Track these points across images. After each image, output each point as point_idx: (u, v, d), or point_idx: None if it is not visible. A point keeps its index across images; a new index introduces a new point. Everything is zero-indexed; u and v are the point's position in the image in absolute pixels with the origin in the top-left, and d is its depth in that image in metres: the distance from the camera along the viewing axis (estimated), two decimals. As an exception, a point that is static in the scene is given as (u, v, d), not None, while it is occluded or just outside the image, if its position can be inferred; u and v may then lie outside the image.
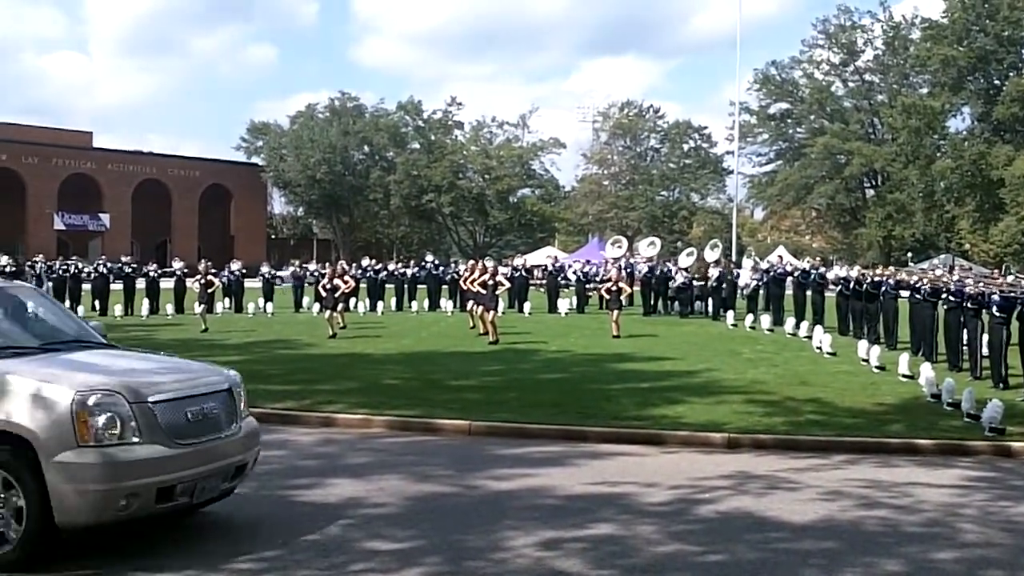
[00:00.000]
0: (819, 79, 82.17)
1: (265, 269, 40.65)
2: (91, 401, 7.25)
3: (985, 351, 19.30)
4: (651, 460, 11.97)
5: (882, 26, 78.67)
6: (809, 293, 31.50)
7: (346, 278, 29.48)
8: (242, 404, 8.54)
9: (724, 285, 34.75)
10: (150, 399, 7.56)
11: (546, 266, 46.38)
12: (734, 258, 56.92)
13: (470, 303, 28.41)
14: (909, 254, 72.44)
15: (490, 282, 25.80)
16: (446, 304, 38.03)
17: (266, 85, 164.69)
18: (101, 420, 7.24)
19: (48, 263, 39.80)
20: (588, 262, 45.87)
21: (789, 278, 34.36)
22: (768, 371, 19.70)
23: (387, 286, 40.40)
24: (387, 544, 8.14)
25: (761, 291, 34.52)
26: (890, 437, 13.18)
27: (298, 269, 41.34)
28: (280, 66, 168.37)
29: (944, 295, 21.63)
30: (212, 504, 8.52)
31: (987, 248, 70.08)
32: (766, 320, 29.85)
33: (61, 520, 7.16)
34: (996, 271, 37.79)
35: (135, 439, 7.37)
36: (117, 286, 36.71)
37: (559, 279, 41.64)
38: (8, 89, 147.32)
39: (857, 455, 12.32)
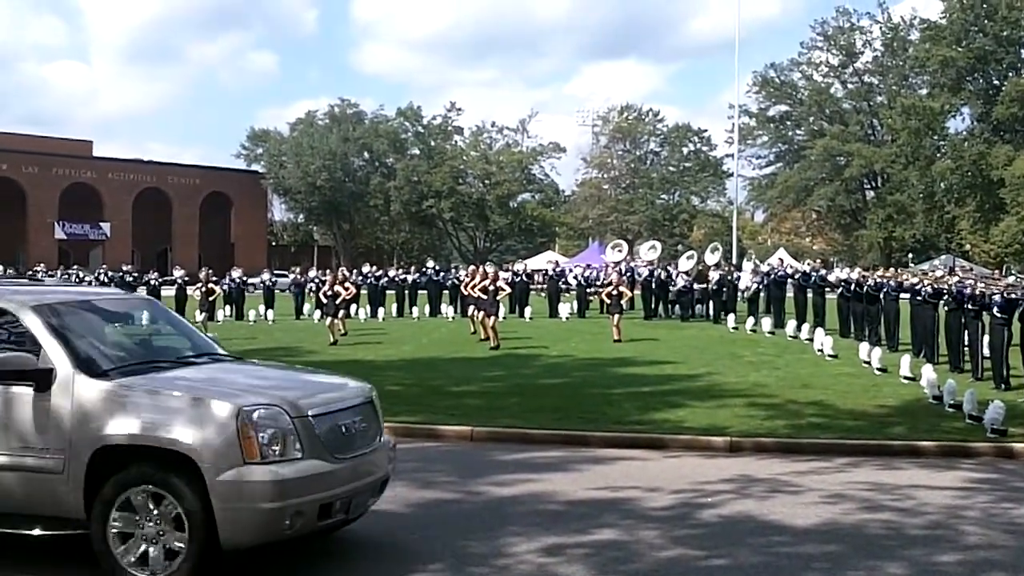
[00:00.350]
0: (818, 81, 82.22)
1: (266, 276, 40.69)
2: (255, 416, 7.03)
3: (986, 352, 19.30)
4: (653, 464, 11.97)
5: (881, 27, 78.73)
6: (810, 295, 31.49)
7: (347, 284, 29.46)
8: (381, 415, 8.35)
9: (725, 288, 34.76)
10: (309, 413, 7.34)
11: (547, 271, 46.36)
12: (735, 261, 56.88)
13: (471, 308, 28.43)
14: (910, 255, 72.49)
15: (491, 287, 25.83)
16: (447, 310, 38.03)
17: (267, 92, 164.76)
18: (266, 436, 7.02)
19: (49, 272, 39.86)
20: (589, 266, 45.85)
21: (790, 280, 34.35)
22: (770, 374, 19.70)
23: (388, 292, 40.41)
24: (390, 550, 8.16)
25: (762, 294, 34.52)
26: (892, 439, 13.18)
27: (299, 276, 41.33)
28: (281, 73, 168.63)
29: (945, 296, 21.64)
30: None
31: (988, 248, 70.06)
32: (767, 323, 29.85)
33: (226, 541, 6.92)
34: (997, 272, 37.83)
35: (297, 455, 7.14)
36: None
37: (560, 284, 41.64)
38: (9, 98, 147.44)
39: (859, 458, 12.32)
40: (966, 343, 20.40)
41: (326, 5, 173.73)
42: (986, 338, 19.40)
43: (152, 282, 37.59)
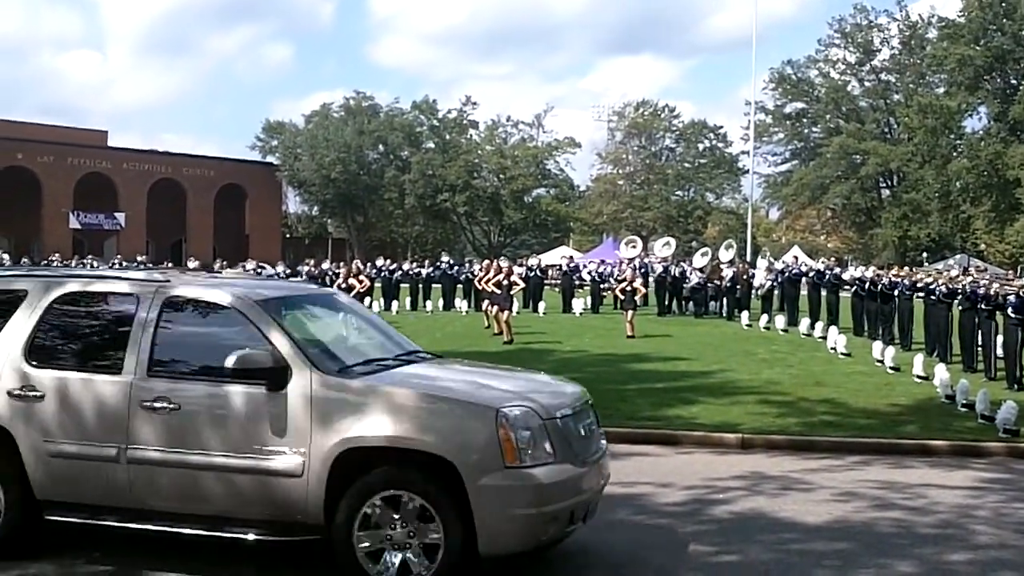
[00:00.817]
0: (835, 78, 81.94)
1: (280, 268, 40.81)
2: (513, 418, 6.79)
3: (1000, 352, 19.28)
4: (665, 460, 12.02)
5: (899, 25, 78.53)
6: (824, 293, 31.48)
7: (361, 277, 29.52)
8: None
9: (739, 285, 34.75)
10: (557, 414, 7.13)
11: (561, 266, 46.34)
12: (749, 258, 56.79)
13: (485, 303, 28.48)
14: (924, 254, 72.25)
15: (505, 282, 25.86)
16: (461, 304, 38.11)
17: (282, 84, 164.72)
18: (523, 438, 6.77)
19: (64, 262, 40.04)
20: (603, 262, 45.87)
21: (804, 278, 34.32)
22: (783, 372, 19.71)
23: (402, 286, 40.48)
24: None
25: (776, 291, 34.52)
26: (904, 438, 13.19)
27: (312, 268, 41.42)
28: (296, 65, 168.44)
29: (959, 296, 21.62)
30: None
31: (1003, 248, 69.84)
32: (781, 320, 29.85)
33: (485, 549, 6.69)
34: (1012, 272, 37.71)
35: (550, 458, 6.89)
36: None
37: (574, 279, 41.63)
38: (25, 89, 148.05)
39: (871, 456, 12.34)
40: (979, 343, 20.39)
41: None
42: (1000, 338, 19.38)
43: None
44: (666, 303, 36.56)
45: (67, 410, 7.49)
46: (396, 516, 6.81)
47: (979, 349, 20.41)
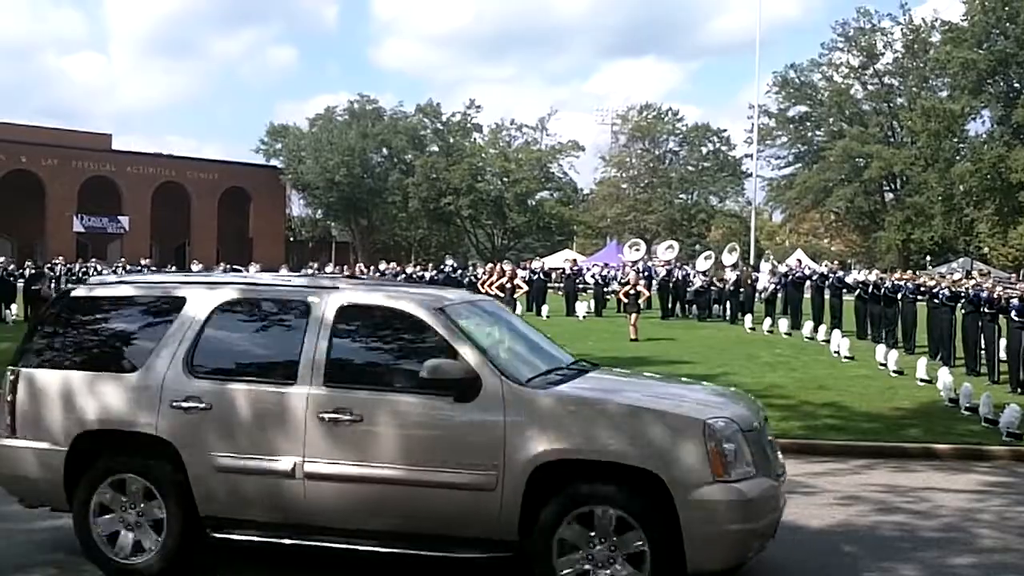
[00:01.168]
0: (838, 82, 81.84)
1: (284, 272, 40.85)
2: (719, 429, 6.58)
3: (1003, 356, 19.29)
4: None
5: (902, 29, 78.34)
6: (827, 297, 31.45)
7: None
8: None
9: (742, 288, 34.75)
10: (754, 426, 7.00)
11: (564, 269, 46.38)
12: (752, 261, 56.80)
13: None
14: (928, 258, 72.18)
15: (508, 285, 25.92)
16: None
17: (286, 87, 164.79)
18: (730, 451, 6.56)
19: (68, 265, 40.09)
20: (606, 265, 45.96)
21: (807, 282, 34.33)
22: (786, 375, 19.71)
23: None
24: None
25: (779, 295, 34.51)
26: (907, 442, 13.20)
27: (316, 272, 41.43)
28: (300, 68, 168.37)
29: (962, 299, 21.63)
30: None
31: (1006, 252, 69.74)
32: (784, 324, 29.84)
33: (694, 566, 6.46)
34: (1015, 275, 37.69)
35: (751, 472, 6.68)
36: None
37: (577, 282, 41.66)
38: (29, 90, 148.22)
39: (874, 460, 12.35)
40: (983, 346, 20.39)
41: (346, 0, 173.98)
42: (1003, 341, 19.39)
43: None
44: (669, 306, 36.59)
45: (236, 422, 7.24)
46: (596, 533, 6.58)
47: (982, 353, 20.41)
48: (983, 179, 67.29)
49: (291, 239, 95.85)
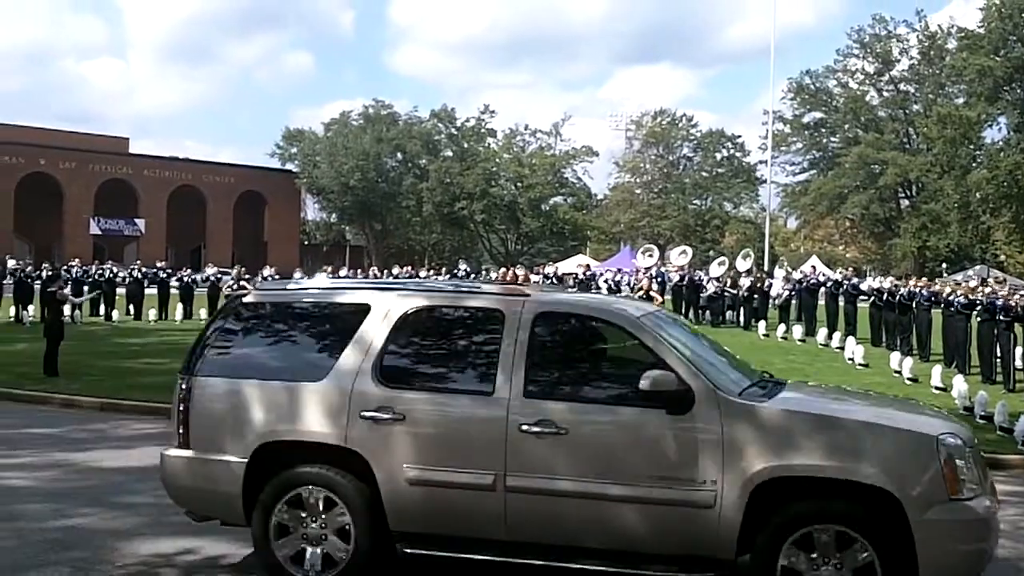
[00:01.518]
0: (854, 88, 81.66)
1: (298, 275, 40.92)
2: (953, 446, 6.38)
3: (1019, 364, 19.22)
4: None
5: (917, 36, 78.14)
6: (842, 303, 31.36)
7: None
8: None
9: (756, 295, 34.68)
10: (975, 443, 6.80)
11: (577, 274, 46.30)
12: (767, 268, 56.66)
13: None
14: (943, 265, 71.93)
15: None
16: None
17: (302, 92, 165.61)
18: (962, 468, 6.35)
19: (84, 267, 40.21)
20: (619, 271, 45.77)
21: (822, 288, 34.24)
22: (800, 382, 19.63)
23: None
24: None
25: (793, 301, 34.43)
26: (922, 449, 13.11)
27: (329, 276, 41.42)
28: (316, 73, 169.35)
29: (978, 307, 21.55)
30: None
31: (1023, 260, 69.49)
32: (798, 330, 29.78)
33: None
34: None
35: (979, 490, 6.45)
36: (152, 291, 37.04)
37: (590, 287, 41.61)
38: (48, 95, 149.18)
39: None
40: (998, 354, 20.32)
41: (363, 6, 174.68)
42: (1019, 350, 19.33)
43: (185, 279, 37.84)
44: (683, 312, 36.51)
45: (431, 434, 7.03)
46: (814, 555, 6.40)
47: (998, 360, 20.34)
48: (999, 186, 66.97)
49: (305, 243, 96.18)
